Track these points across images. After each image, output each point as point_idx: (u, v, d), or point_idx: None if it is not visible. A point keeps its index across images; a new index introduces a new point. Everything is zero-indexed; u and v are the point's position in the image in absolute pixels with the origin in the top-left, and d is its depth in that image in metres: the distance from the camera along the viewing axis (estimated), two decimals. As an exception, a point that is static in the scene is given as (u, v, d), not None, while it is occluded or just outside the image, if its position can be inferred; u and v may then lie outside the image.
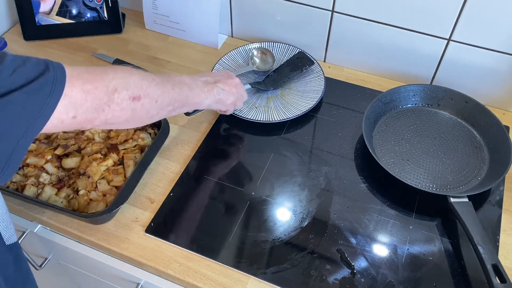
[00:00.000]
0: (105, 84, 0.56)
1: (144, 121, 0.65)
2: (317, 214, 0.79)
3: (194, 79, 0.75)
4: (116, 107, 0.58)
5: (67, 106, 0.52)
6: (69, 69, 0.54)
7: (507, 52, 0.88)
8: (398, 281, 0.71)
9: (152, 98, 0.63)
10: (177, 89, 0.68)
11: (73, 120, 0.53)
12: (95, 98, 0.55)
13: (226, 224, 0.78)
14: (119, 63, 1.07)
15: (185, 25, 1.12)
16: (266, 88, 0.98)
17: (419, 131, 0.91)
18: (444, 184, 0.82)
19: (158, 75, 0.66)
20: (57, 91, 0.51)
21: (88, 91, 0.54)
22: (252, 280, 0.71)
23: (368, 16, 0.95)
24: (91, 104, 0.54)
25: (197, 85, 0.74)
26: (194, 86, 0.73)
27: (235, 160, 0.88)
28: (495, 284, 0.66)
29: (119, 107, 0.58)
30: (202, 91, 0.75)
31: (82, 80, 0.54)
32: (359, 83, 1.02)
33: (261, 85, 0.98)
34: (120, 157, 0.84)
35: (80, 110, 0.53)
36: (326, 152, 0.89)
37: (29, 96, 0.48)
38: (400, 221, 0.78)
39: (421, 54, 0.96)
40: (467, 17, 0.87)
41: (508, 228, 0.78)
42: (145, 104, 0.61)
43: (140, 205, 0.81)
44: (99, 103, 0.55)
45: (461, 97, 0.92)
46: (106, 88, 0.56)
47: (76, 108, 0.53)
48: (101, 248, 0.77)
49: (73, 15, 1.13)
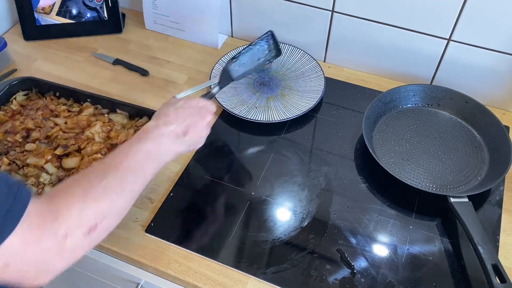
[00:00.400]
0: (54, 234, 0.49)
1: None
2: (317, 214, 0.79)
3: (160, 137, 0.65)
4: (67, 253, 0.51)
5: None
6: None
7: (507, 52, 0.88)
8: (398, 281, 0.71)
9: (112, 214, 0.57)
10: (139, 179, 0.61)
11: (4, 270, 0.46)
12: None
13: (226, 224, 0.78)
14: (119, 63, 1.07)
15: (185, 25, 1.12)
16: (222, 85, 0.84)
17: (419, 131, 0.91)
18: (444, 184, 0.82)
19: (116, 170, 0.58)
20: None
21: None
22: (252, 280, 0.71)
23: (368, 16, 0.95)
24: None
25: (164, 149, 0.65)
26: (161, 154, 0.64)
27: (235, 160, 0.88)
28: (495, 284, 0.66)
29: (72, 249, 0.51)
30: (169, 152, 0.66)
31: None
32: (359, 83, 1.02)
33: (220, 84, 0.84)
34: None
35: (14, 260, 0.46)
36: (326, 152, 0.89)
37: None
38: (400, 221, 0.78)
39: (421, 54, 0.96)
40: (467, 17, 0.87)
41: (508, 228, 0.78)
42: (105, 226, 0.55)
43: (140, 205, 0.81)
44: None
45: (461, 97, 0.92)
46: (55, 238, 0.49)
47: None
48: (101, 248, 0.77)
49: (73, 15, 1.13)
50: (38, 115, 0.90)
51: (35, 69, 1.06)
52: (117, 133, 0.87)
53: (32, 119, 0.89)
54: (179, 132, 0.67)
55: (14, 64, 1.07)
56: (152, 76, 1.05)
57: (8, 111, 0.91)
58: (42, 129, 0.88)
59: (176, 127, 0.66)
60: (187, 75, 1.05)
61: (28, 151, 0.84)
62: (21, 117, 0.90)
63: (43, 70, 1.06)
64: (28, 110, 0.91)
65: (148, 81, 1.03)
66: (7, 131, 0.87)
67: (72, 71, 1.06)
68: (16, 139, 0.86)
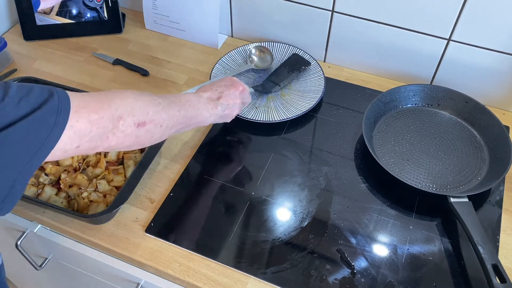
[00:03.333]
0: (111, 112, 0.55)
1: (147, 144, 0.64)
2: (317, 214, 0.79)
3: (198, 96, 0.75)
4: (120, 134, 0.57)
5: (71, 137, 0.51)
6: (74, 97, 0.52)
7: (507, 52, 0.88)
8: (398, 281, 0.71)
9: (158, 123, 0.62)
10: (182, 111, 0.68)
11: (76, 150, 0.53)
12: (100, 127, 0.54)
13: (226, 224, 0.78)
14: (119, 63, 1.07)
15: (185, 25, 1.12)
16: (266, 91, 0.97)
17: (419, 131, 0.91)
18: (444, 184, 0.82)
19: (164, 97, 0.66)
20: (61, 122, 0.49)
21: (94, 121, 0.53)
22: (252, 280, 0.71)
23: (368, 16, 0.95)
24: (95, 133, 0.54)
25: (201, 104, 0.74)
26: (198, 106, 0.73)
27: (235, 160, 0.88)
28: (495, 284, 0.66)
29: (123, 134, 0.58)
30: (206, 109, 0.74)
31: (88, 110, 0.53)
32: (359, 83, 1.02)
33: (263, 88, 0.98)
34: (120, 157, 0.84)
35: (84, 140, 0.53)
36: (326, 152, 0.89)
37: (33, 127, 0.47)
38: (400, 221, 0.78)
39: (421, 54, 0.96)
40: (467, 17, 0.87)
41: (508, 228, 0.78)
42: (150, 129, 0.61)
43: (140, 205, 0.81)
44: (103, 132, 0.55)
45: (461, 97, 0.92)
46: (111, 116, 0.55)
47: (81, 138, 0.52)
48: (101, 248, 0.77)
49: (73, 15, 1.13)
50: (38, 115, 0.90)
51: (35, 69, 1.06)
52: (117, 133, 0.87)
53: (32, 119, 0.89)
54: (214, 97, 0.77)
55: (14, 64, 1.07)
56: (152, 76, 1.05)
57: (8, 111, 0.91)
58: (42, 129, 0.88)
59: (212, 94, 0.77)
60: (187, 75, 1.05)
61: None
62: (21, 117, 0.90)
63: (43, 70, 1.06)
64: (28, 110, 0.91)
65: (148, 81, 1.04)
66: (7, 131, 0.87)
67: (72, 71, 1.06)
68: (16, 139, 0.86)
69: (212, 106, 0.75)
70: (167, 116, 0.64)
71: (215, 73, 1.01)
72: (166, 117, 0.64)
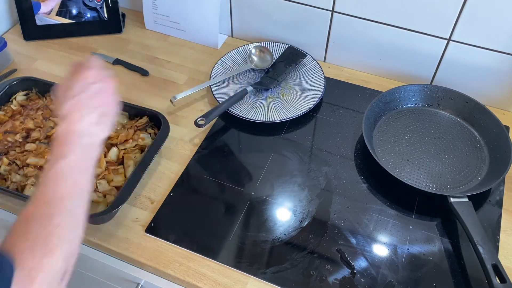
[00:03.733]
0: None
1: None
2: (317, 214, 0.79)
3: (77, 139, 0.58)
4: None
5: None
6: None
7: (507, 52, 0.88)
8: (398, 281, 0.71)
9: (75, 246, 0.55)
10: (73, 180, 0.56)
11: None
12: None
13: (226, 224, 0.78)
14: (119, 63, 1.07)
15: (185, 25, 1.12)
16: (266, 87, 0.98)
17: (419, 131, 0.91)
18: (444, 184, 0.82)
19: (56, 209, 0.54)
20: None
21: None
22: (252, 280, 0.71)
23: (368, 16, 0.95)
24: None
25: (86, 147, 0.59)
26: (85, 151, 0.59)
27: (235, 160, 0.88)
28: (495, 284, 0.66)
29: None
30: (92, 147, 0.60)
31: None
32: (359, 83, 1.02)
33: (261, 85, 0.98)
34: (120, 157, 0.84)
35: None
36: (326, 152, 0.89)
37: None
38: (400, 221, 0.78)
39: (421, 54, 0.96)
40: (467, 17, 0.87)
41: (508, 228, 0.78)
42: (72, 261, 0.53)
43: (140, 205, 0.81)
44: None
45: (461, 97, 0.92)
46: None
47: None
48: (101, 248, 0.77)
49: (73, 15, 1.13)
50: (38, 115, 0.90)
51: (35, 69, 1.06)
52: (117, 133, 0.87)
53: (32, 119, 0.89)
54: (94, 121, 0.60)
55: (14, 64, 1.07)
56: (152, 76, 1.05)
57: (8, 111, 0.91)
58: (42, 129, 0.88)
59: (89, 118, 0.59)
60: (187, 75, 1.05)
61: (28, 151, 0.84)
62: (21, 117, 0.90)
63: (43, 70, 1.06)
64: (28, 110, 0.91)
65: (148, 81, 1.03)
66: (7, 131, 0.87)
67: (72, 71, 1.06)
68: (16, 139, 0.86)
69: (99, 132, 0.60)
70: (79, 212, 0.55)
71: (215, 73, 1.01)
72: (80, 213, 0.55)
